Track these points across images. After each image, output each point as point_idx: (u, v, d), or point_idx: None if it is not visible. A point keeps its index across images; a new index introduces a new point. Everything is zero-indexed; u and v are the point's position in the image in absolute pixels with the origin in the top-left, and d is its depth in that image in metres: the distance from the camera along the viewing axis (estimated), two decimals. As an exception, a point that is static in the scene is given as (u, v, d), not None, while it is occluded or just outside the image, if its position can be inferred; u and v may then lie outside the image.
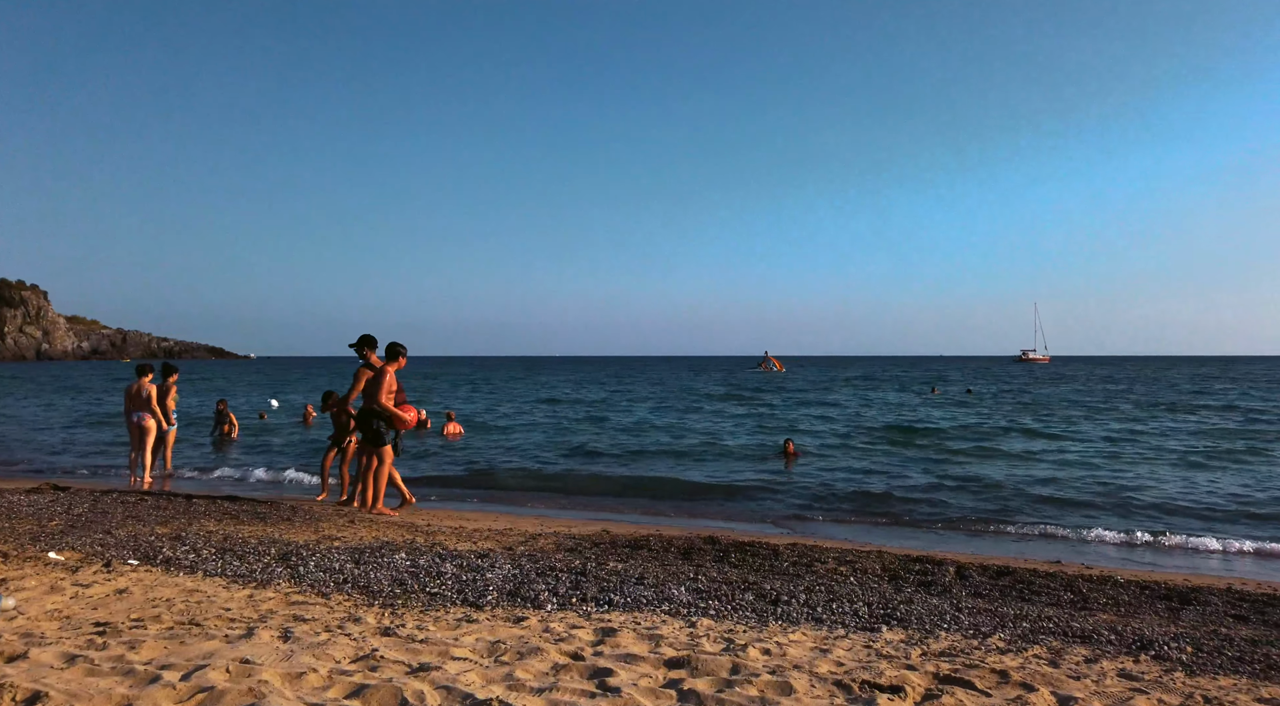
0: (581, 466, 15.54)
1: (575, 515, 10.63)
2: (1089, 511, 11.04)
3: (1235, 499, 11.87)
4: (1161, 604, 5.77)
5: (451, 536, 7.66)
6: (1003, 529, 10.00)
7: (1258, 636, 4.80)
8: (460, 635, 4.09)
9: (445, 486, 12.93)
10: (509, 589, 5.22)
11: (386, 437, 9.09)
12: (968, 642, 4.35)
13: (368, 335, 9.33)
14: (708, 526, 9.65)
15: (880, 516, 10.77)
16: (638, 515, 10.83)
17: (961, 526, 10.17)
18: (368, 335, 9.33)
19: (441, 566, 5.81)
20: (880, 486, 13.01)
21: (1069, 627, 4.79)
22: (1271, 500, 11.75)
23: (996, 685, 3.56)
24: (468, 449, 18.07)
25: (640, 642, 4.05)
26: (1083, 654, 4.21)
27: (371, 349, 9.30)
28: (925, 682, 3.52)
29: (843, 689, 3.41)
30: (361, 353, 9.28)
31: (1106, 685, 3.63)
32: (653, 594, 5.23)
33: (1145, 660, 4.15)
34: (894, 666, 3.76)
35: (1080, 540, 9.35)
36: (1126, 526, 9.94)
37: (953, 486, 12.96)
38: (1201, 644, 4.48)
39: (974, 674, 3.67)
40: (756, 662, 3.75)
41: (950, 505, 11.45)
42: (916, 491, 12.54)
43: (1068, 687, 3.55)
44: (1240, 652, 4.33)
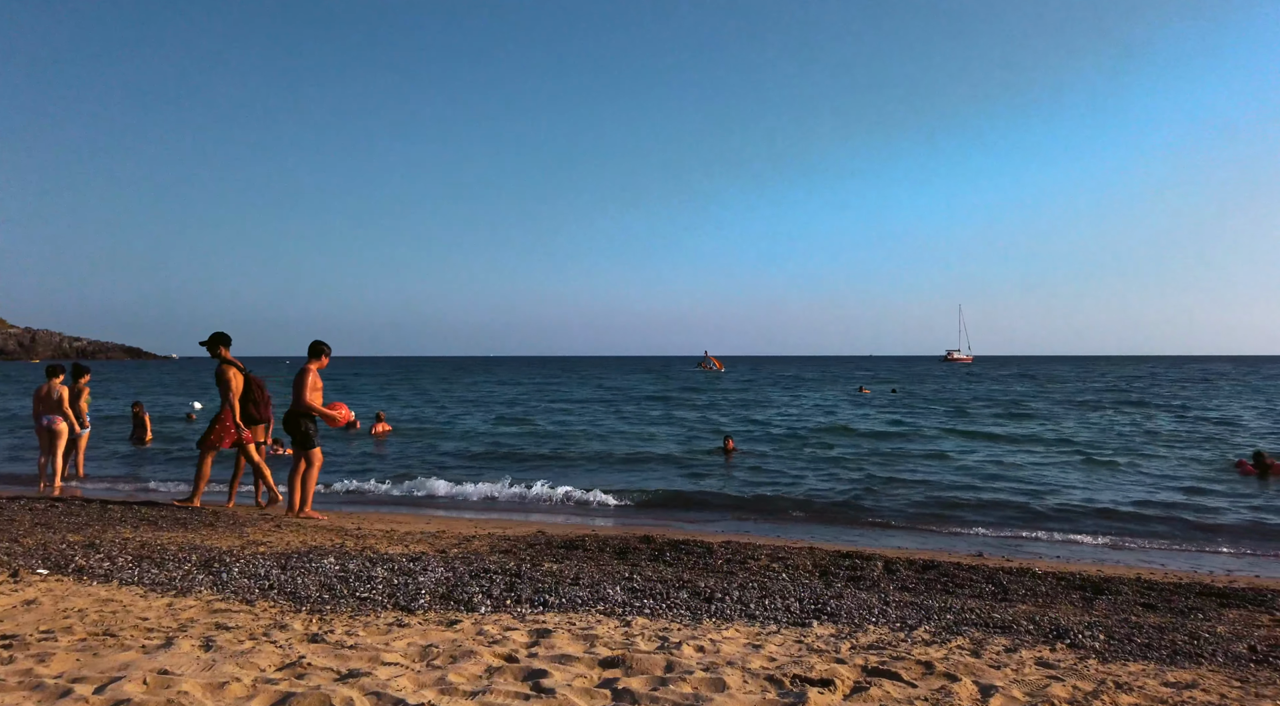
0: (516, 468, 15.43)
1: (510, 516, 10.55)
2: (1007, 507, 11.43)
3: (1138, 492, 12.45)
4: (1076, 594, 6.01)
5: (383, 540, 7.52)
6: (928, 524, 10.28)
7: (1165, 623, 5.04)
8: (391, 640, 4.02)
9: (378, 486, 12.67)
10: (442, 592, 5.15)
11: (316, 440, 8.87)
12: (895, 635, 4.47)
13: (219, 333, 9.08)
14: (643, 525, 9.68)
15: (812, 513, 10.96)
16: (573, 515, 10.80)
17: (890, 522, 10.43)
18: (219, 333, 9.08)
19: (372, 570, 5.70)
20: (811, 484, 13.25)
21: (990, 618, 4.96)
22: (1169, 495, 12.35)
23: (922, 676, 3.66)
24: (401, 453, 17.77)
25: (575, 643, 4.05)
26: (1003, 644, 4.36)
27: (226, 346, 9.04)
28: (854, 675, 3.60)
29: (775, 684, 3.47)
30: (215, 352, 9.01)
31: (1025, 673, 3.77)
32: (588, 594, 5.23)
33: (1061, 648, 4.32)
34: (824, 660, 3.84)
35: (999, 534, 9.68)
36: (1042, 520, 10.33)
37: (880, 484, 13.28)
38: (1113, 632, 4.69)
39: (900, 666, 3.77)
40: (691, 660, 3.78)
41: (879, 502, 11.73)
42: (846, 489, 12.80)
43: (989, 677, 3.67)
44: (1149, 639, 4.55)
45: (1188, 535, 9.66)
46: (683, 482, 13.47)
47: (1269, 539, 9.40)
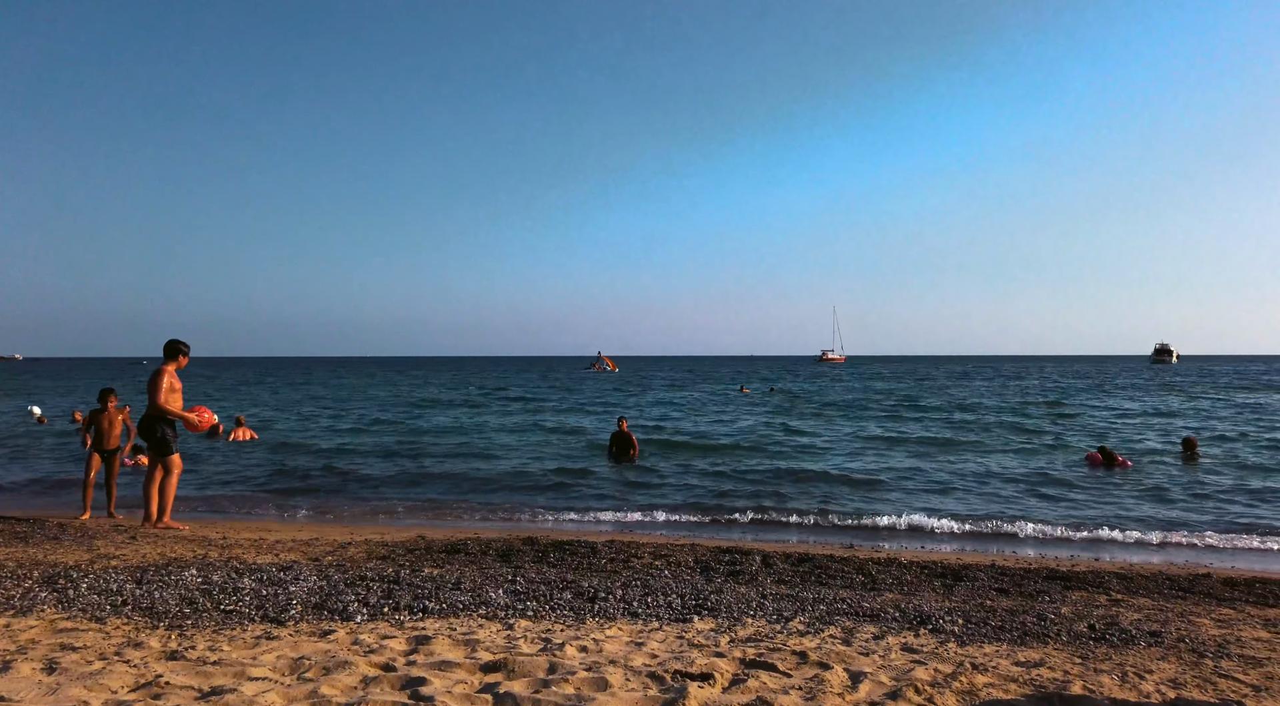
0: (397, 471, 15.00)
1: (388, 521, 10.25)
2: (878, 499, 11.98)
3: (978, 483, 13.32)
4: (938, 582, 6.37)
5: (250, 549, 7.16)
6: (805, 519, 10.65)
7: (1016, 607, 5.41)
8: (259, 653, 3.83)
9: (244, 493, 12.05)
10: (315, 601, 4.95)
11: (174, 445, 8.36)
12: (771, 627, 4.61)
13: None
14: (527, 527, 9.61)
15: (695, 510, 11.15)
16: (455, 519, 10.60)
17: (770, 518, 10.73)
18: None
19: (239, 581, 5.42)
20: (695, 481, 13.49)
21: (860, 608, 5.19)
22: (1024, 485, 13.27)
23: (796, 666, 3.79)
24: (269, 459, 16.96)
25: (456, 648, 3.98)
26: (872, 631, 4.57)
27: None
28: (732, 668, 3.70)
29: (656, 680, 3.51)
30: None
31: (891, 658, 3.97)
32: (470, 598, 5.14)
33: (924, 633, 4.57)
34: (704, 654, 3.92)
35: (871, 527, 10.13)
36: (909, 513, 10.88)
37: (760, 479, 13.65)
38: (970, 616, 5.00)
39: (776, 657, 3.90)
40: (573, 660, 3.78)
41: (759, 497, 12.06)
42: (730, 485, 13.09)
43: (859, 664, 3.84)
44: (1002, 622, 4.87)
45: (1038, 522, 10.37)
46: (567, 481, 13.45)
47: (1109, 526, 10.22)
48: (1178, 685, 3.63)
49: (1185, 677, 3.75)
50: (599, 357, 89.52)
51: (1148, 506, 11.35)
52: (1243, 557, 8.52)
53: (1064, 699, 3.37)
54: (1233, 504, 11.49)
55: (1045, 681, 3.62)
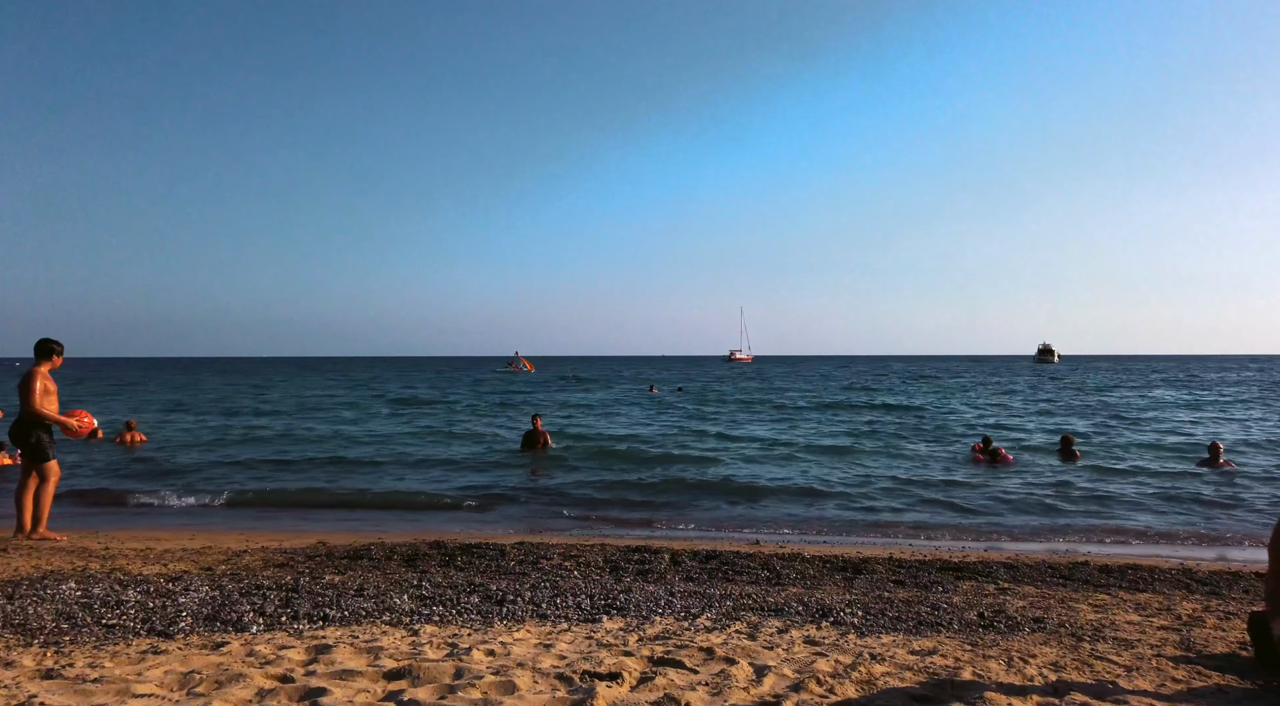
0: (293, 477, 14.50)
1: (287, 528, 9.89)
2: (781, 496, 12.27)
3: (887, 481, 13.83)
4: (839, 575, 6.57)
5: (136, 559, 6.79)
6: (712, 515, 10.81)
7: (912, 597, 5.63)
8: (145, 669, 3.64)
9: (126, 499, 11.42)
10: (207, 613, 4.73)
11: (51, 451, 7.85)
12: (679, 624, 4.67)
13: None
14: (434, 530, 9.43)
15: (605, 509, 11.17)
16: (358, 523, 10.31)
17: (680, 515, 10.85)
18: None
19: (122, 594, 5.13)
20: (603, 480, 13.51)
21: (765, 602, 5.31)
22: (916, 481, 13.83)
23: (703, 662, 3.85)
24: (159, 464, 16.13)
25: (358, 657, 3.87)
26: (776, 625, 4.68)
27: None
28: (641, 666, 3.72)
29: (565, 681, 3.51)
30: None
31: (795, 652, 4.07)
32: (373, 605, 5.02)
33: (826, 626, 4.71)
34: (613, 654, 3.93)
35: (774, 522, 10.37)
36: (812, 509, 11.19)
37: (667, 477, 13.79)
38: (869, 608, 5.18)
39: (684, 653, 3.95)
40: (480, 664, 3.73)
41: (668, 495, 12.17)
42: (638, 483, 13.17)
43: (763, 658, 3.93)
44: (899, 613, 5.06)
45: (931, 516, 10.82)
46: (478, 478, 13.26)
47: (993, 518, 10.75)
48: (1058, 668, 3.84)
49: (1065, 661, 3.98)
50: (516, 357, 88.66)
51: (1030, 499, 11.98)
52: (1116, 546, 9.10)
53: (955, 685, 3.53)
54: (1106, 495, 12.25)
55: (938, 669, 3.78)
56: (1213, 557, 8.32)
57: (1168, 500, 11.87)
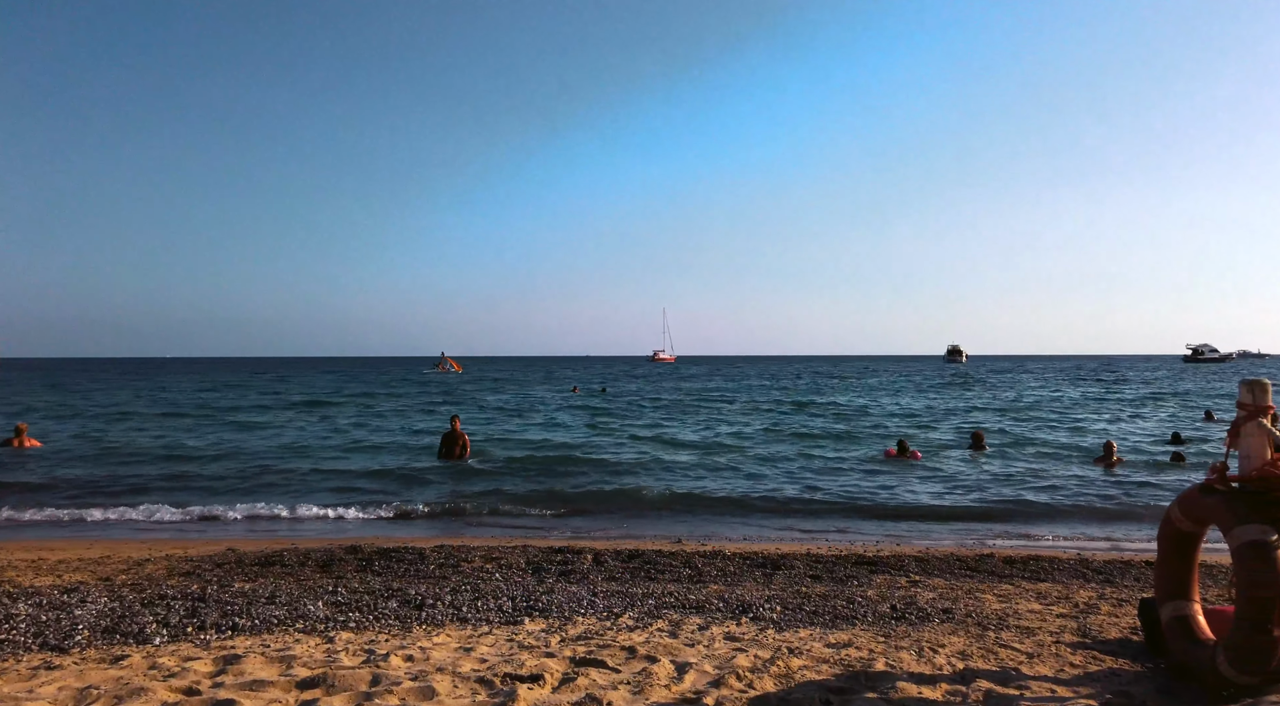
0: (195, 482, 13.94)
1: (195, 535, 9.50)
2: (703, 496, 12.41)
3: (806, 480, 14.16)
4: (759, 571, 6.69)
5: (28, 571, 6.42)
6: (635, 515, 10.85)
7: (828, 592, 5.77)
8: (37, 686, 3.45)
9: (22, 513, 10.78)
10: (106, 625, 4.51)
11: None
12: (601, 624, 4.67)
13: None
14: (351, 535, 9.20)
15: (527, 510, 11.08)
16: (270, 529, 9.98)
17: (603, 515, 10.85)
18: None
19: (12, 608, 4.84)
20: (525, 481, 13.41)
21: (687, 600, 5.36)
22: (834, 478, 14.19)
23: (625, 661, 3.87)
24: (59, 472, 15.29)
25: (270, 666, 3.75)
26: (697, 622, 4.74)
27: None
28: (562, 667, 3.72)
29: (485, 685, 3.48)
30: None
31: (715, 648, 4.13)
32: (286, 612, 4.86)
33: (745, 622, 4.79)
34: (534, 656, 3.92)
35: (696, 521, 10.48)
36: (735, 507, 11.35)
37: (590, 478, 13.78)
38: (788, 603, 5.29)
39: (606, 653, 3.96)
40: (399, 670, 3.67)
41: (591, 495, 12.17)
42: (560, 484, 13.12)
43: (684, 655, 3.97)
44: (816, 607, 5.18)
45: (846, 513, 11.11)
46: (395, 480, 12.99)
47: (907, 511, 11.10)
48: (965, 656, 4.00)
49: (972, 649, 4.15)
50: (442, 358, 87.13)
51: (939, 493, 12.42)
52: (1020, 538, 9.51)
53: (869, 675, 3.64)
54: (1011, 489, 12.80)
55: (853, 660, 3.89)
56: (1107, 548, 8.78)
57: (1067, 494, 12.48)
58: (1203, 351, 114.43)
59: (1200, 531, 3.62)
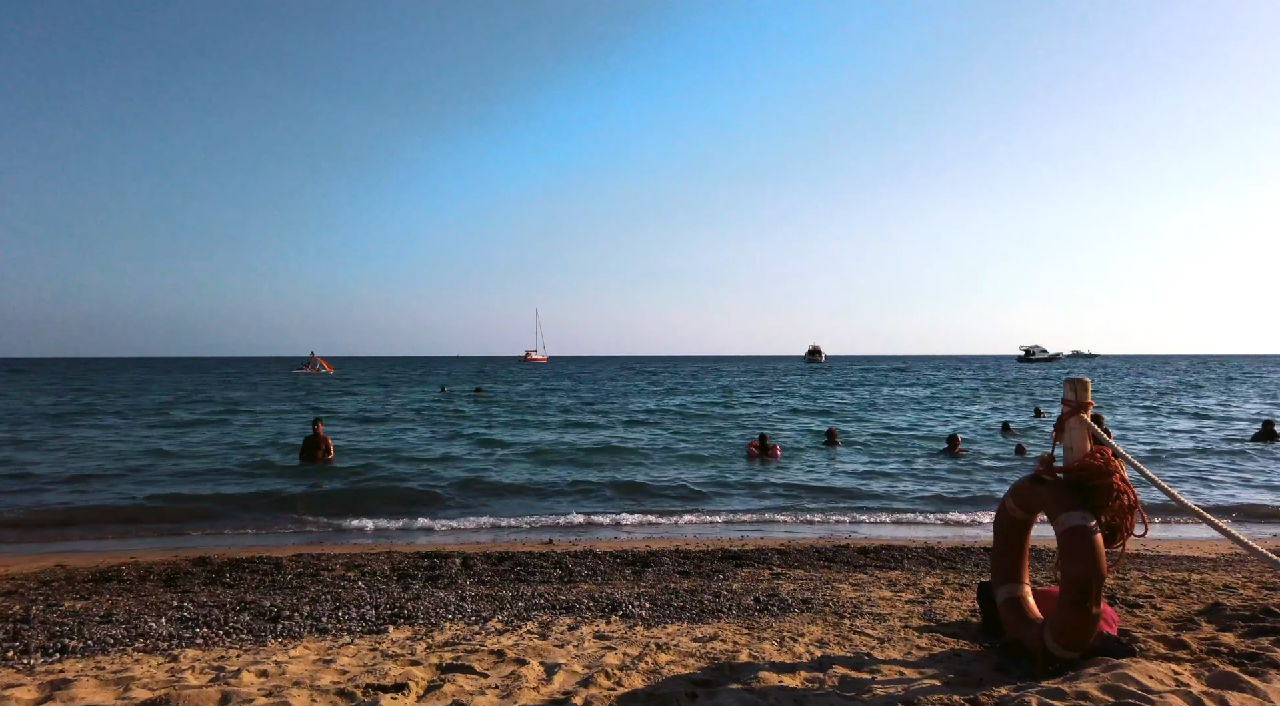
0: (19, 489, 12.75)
1: (14, 550, 8.68)
2: (573, 497, 12.43)
3: (673, 479, 14.44)
4: (629, 569, 6.76)
5: None
6: (504, 518, 10.73)
7: (696, 587, 5.90)
8: None
9: None
10: (-92, 654, 4.05)
11: None
12: (470, 629, 4.60)
13: None
14: (198, 546, 8.65)
15: (393, 515, 10.74)
16: (105, 542, 9.24)
17: (471, 518, 10.66)
18: None
19: None
20: (391, 485, 13.01)
21: (557, 601, 5.35)
22: (695, 476, 14.53)
23: (494, 665, 3.82)
24: None
25: (104, 690, 3.48)
26: (567, 623, 4.74)
27: None
28: (428, 675, 3.63)
29: (346, 696, 3.35)
30: None
31: (585, 647, 4.15)
32: (124, 631, 4.52)
33: (615, 620, 4.83)
34: (399, 664, 3.81)
35: (566, 523, 10.47)
36: (605, 507, 11.42)
37: (459, 480, 13.52)
38: (656, 599, 5.37)
39: (474, 658, 3.90)
40: (251, 687, 3.48)
41: (460, 499, 11.94)
42: (428, 488, 12.80)
43: (554, 656, 3.96)
44: (684, 602, 5.28)
45: (713, 510, 11.39)
46: (251, 487, 12.30)
47: (764, 508, 11.50)
48: (823, 645, 4.19)
49: (829, 637, 4.34)
50: (312, 358, 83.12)
51: (799, 488, 12.94)
52: (873, 528, 10.04)
53: (733, 667, 3.75)
54: (865, 482, 13.49)
55: (718, 653, 4.00)
56: (951, 536, 9.39)
57: (915, 485, 13.26)
58: (1034, 352, 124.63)
59: (1031, 519, 3.93)
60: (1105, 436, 3.66)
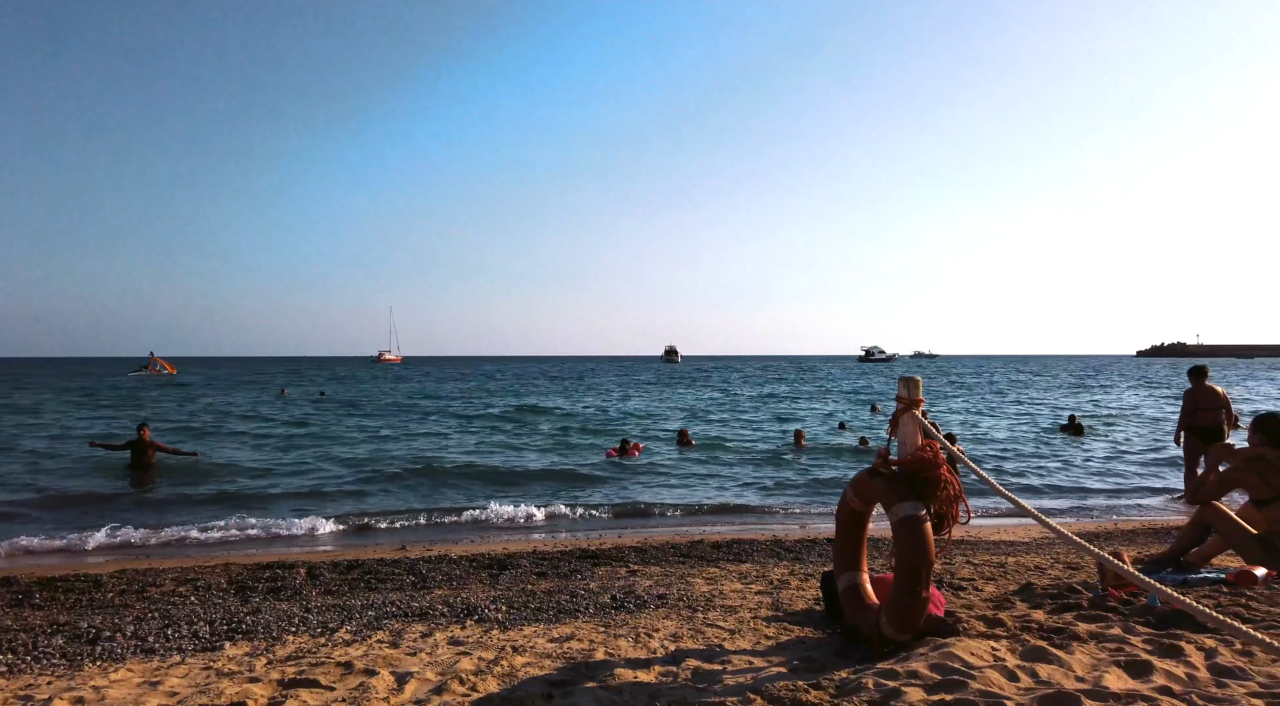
0: None
1: None
2: (428, 499, 12.12)
3: (534, 480, 14.37)
4: (485, 573, 6.66)
5: None
6: (354, 523, 10.31)
7: (553, 587, 5.89)
8: None
9: None
10: None
11: None
12: (315, 641, 4.40)
13: None
14: (1, 566, 7.82)
15: (227, 524, 10.09)
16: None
17: (316, 525, 10.17)
18: None
19: None
20: (224, 492, 12.23)
21: (410, 608, 5.20)
22: (556, 478, 14.52)
23: (341, 677, 3.67)
24: None
25: (-116, 731, 3.09)
26: (420, 630, 4.61)
27: None
28: (269, 691, 3.45)
29: (176, 721, 3.13)
30: None
31: (439, 654, 4.05)
32: (-92, 663, 4.02)
33: (471, 624, 4.75)
34: (236, 682, 3.59)
35: (420, 527, 10.20)
36: (462, 511, 11.20)
37: (299, 488, 12.89)
38: (513, 602, 5.32)
39: (319, 671, 3.73)
40: (65, 717, 3.19)
41: (299, 506, 11.37)
42: (263, 494, 12.12)
43: (405, 664, 3.85)
44: (541, 603, 5.27)
45: (571, 510, 11.39)
46: (63, 497, 11.21)
47: (630, 507, 11.64)
48: (677, 638, 4.29)
49: (683, 631, 4.45)
50: (151, 359, 76.71)
51: (657, 486, 13.17)
52: (724, 524, 10.35)
53: (589, 665, 3.77)
54: (716, 477, 13.90)
55: (575, 652, 4.01)
56: (798, 529, 9.82)
57: (764, 479, 13.79)
58: (873, 353, 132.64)
59: (869, 510, 4.17)
60: (934, 431, 3.94)
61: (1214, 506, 5.42)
